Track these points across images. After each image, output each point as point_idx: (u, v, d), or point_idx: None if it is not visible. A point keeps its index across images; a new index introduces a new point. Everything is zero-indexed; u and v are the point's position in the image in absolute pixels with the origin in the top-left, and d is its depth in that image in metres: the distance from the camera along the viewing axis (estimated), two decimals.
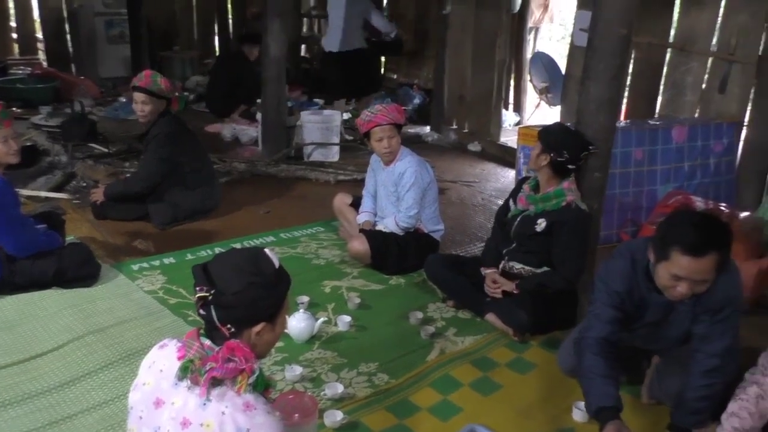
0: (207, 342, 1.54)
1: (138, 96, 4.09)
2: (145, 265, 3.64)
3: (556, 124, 3.29)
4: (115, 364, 2.68)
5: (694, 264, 2.06)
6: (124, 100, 7.27)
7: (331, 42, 6.59)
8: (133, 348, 2.80)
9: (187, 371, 1.46)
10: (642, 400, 2.66)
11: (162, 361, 1.55)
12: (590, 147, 3.06)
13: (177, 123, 4.27)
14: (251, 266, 1.54)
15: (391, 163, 3.75)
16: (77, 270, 3.29)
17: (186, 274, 3.48)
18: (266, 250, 1.59)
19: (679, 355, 2.48)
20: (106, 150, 5.60)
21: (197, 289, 1.53)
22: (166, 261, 3.71)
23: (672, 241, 2.08)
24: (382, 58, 7.97)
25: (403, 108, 4.09)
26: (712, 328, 2.28)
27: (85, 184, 4.80)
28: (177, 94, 7.03)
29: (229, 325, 1.52)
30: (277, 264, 1.58)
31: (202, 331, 1.57)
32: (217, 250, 3.88)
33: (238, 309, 1.51)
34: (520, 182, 3.37)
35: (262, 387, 1.52)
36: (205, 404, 1.45)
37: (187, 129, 4.38)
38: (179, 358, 1.50)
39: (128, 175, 4.78)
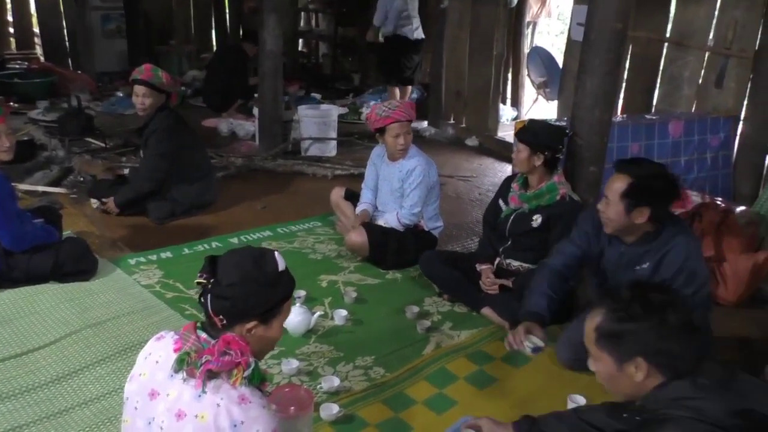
0: (203, 335, 1.55)
1: (139, 89, 4.08)
2: (142, 259, 3.65)
3: (535, 124, 3.25)
4: (111, 358, 2.69)
5: (611, 180, 2.43)
6: (121, 94, 7.27)
7: (414, 30, 6.77)
8: (130, 342, 2.80)
9: (183, 363, 1.47)
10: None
11: (158, 352, 1.56)
12: (566, 131, 3.19)
13: (175, 118, 4.26)
14: (252, 262, 1.55)
15: (400, 159, 3.75)
16: (74, 264, 3.30)
17: (183, 268, 3.53)
18: (276, 253, 1.60)
19: None
20: (103, 144, 5.60)
21: (198, 275, 1.56)
22: (163, 255, 3.71)
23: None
24: None
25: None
26: None
27: (82, 179, 4.80)
28: (182, 88, 7.06)
29: (221, 317, 1.53)
30: (281, 267, 1.58)
31: (199, 325, 1.59)
32: (214, 244, 3.89)
33: (229, 301, 1.52)
34: (506, 181, 3.39)
35: (258, 380, 1.53)
36: (200, 396, 1.46)
37: (185, 124, 4.37)
38: (176, 350, 1.51)
39: (126, 171, 4.79)
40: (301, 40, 10.07)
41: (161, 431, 1.48)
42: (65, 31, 8.47)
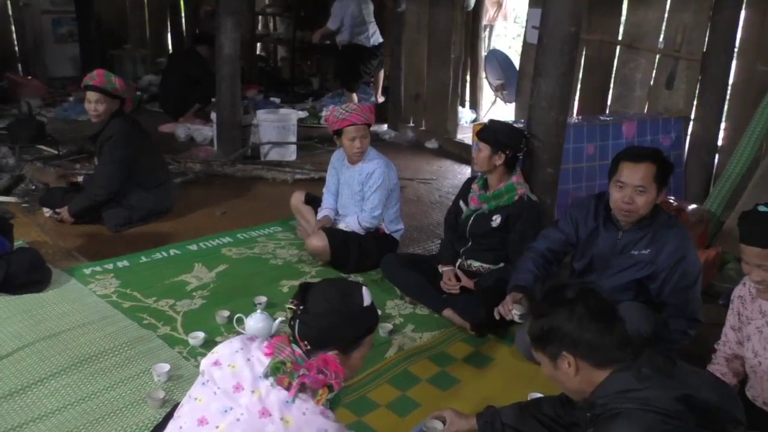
0: (298, 350, 1.63)
1: (91, 95, 3.99)
2: (97, 268, 3.57)
3: (496, 124, 3.34)
4: (67, 371, 2.62)
5: (632, 169, 2.49)
6: (73, 100, 7.10)
7: (370, 37, 6.89)
8: (86, 353, 2.74)
9: (278, 371, 1.54)
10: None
11: (251, 351, 1.63)
12: (525, 132, 3.28)
13: (131, 123, 4.18)
14: (339, 296, 1.67)
15: (358, 162, 3.75)
16: (27, 275, 3.20)
17: (140, 277, 3.47)
18: (364, 289, 1.72)
19: None
20: (55, 152, 5.47)
21: (290, 300, 1.70)
22: (120, 264, 3.64)
23: (619, 157, 2.57)
24: None
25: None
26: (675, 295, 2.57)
27: (34, 187, 4.68)
28: (137, 93, 6.91)
29: (305, 342, 1.64)
30: (366, 303, 1.70)
31: (291, 338, 1.66)
32: (172, 252, 3.83)
33: (314, 329, 1.64)
34: (467, 183, 3.43)
35: (336, 406, 1.61)
36: (288, 403, 1.52)
37: (141, 129, 4.29)
38: (266, 355, 1.59)
39: (80, 178, 4.68)
40: (259, 44, 9.98)
41: (237, 422, 1.51)
42: (14, 35, 8.24)
